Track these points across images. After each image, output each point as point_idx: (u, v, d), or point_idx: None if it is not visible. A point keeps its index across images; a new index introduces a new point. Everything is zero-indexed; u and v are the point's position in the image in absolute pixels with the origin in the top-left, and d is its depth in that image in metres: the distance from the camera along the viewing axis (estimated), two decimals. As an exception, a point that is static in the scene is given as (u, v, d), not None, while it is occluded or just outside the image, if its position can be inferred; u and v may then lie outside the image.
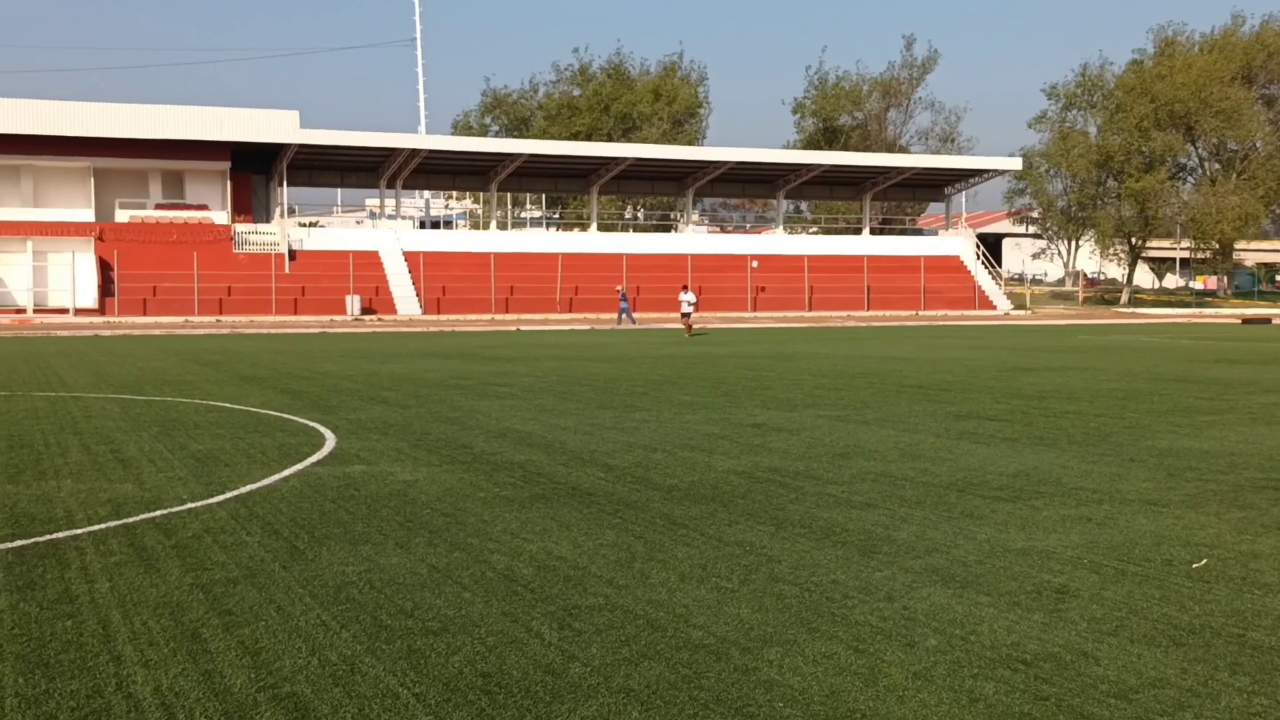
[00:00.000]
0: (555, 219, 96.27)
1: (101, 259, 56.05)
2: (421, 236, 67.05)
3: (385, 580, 6.45)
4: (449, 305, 60.16)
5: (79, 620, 5.65)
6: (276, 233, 61.75)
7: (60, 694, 4.65)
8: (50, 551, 7.09)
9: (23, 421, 13.82)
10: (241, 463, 10.66)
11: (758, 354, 28.49)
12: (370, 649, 5.25)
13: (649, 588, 6.33)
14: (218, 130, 58.41)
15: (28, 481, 9.60)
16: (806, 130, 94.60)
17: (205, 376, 20.88)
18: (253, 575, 6.54)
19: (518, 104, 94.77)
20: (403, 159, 63.63)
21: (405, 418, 14.36)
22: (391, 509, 8.50)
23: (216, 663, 5.04)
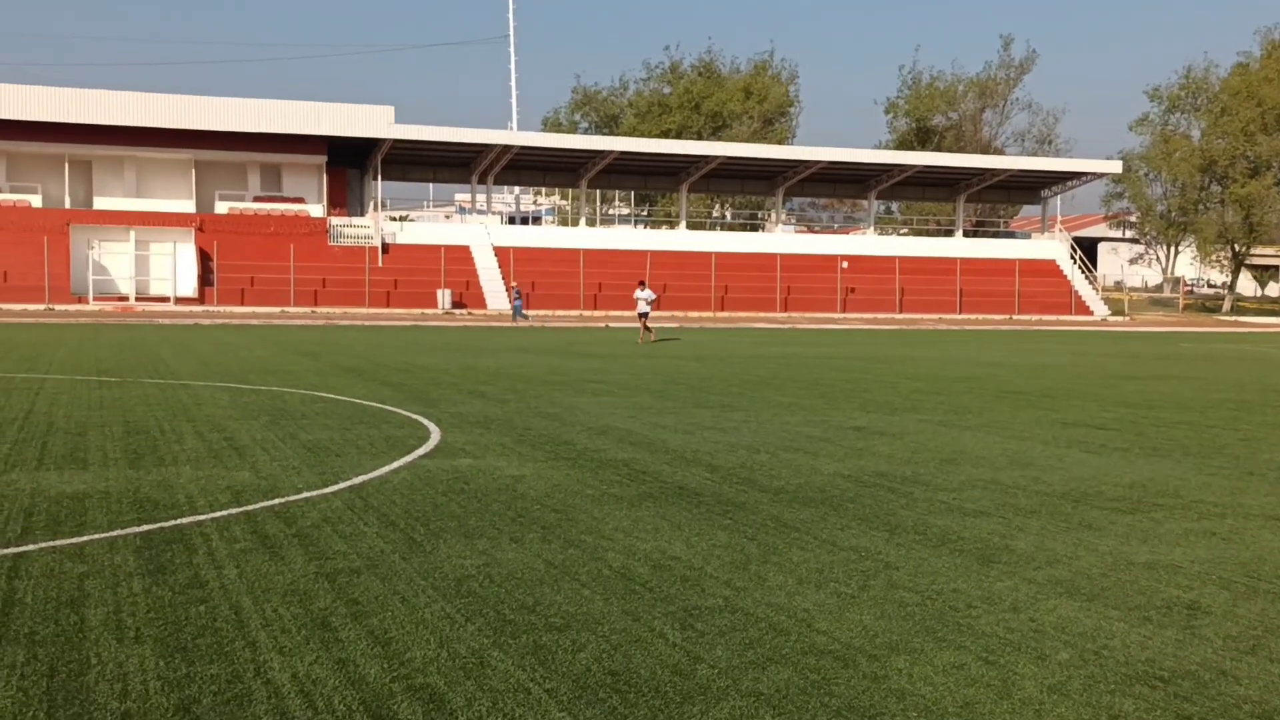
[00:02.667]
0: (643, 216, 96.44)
1: (201, 249, 57.24)
2: (511, 232, 67.56)
3: (504, 575, 6.49)
4: (537, 301, 60.53)
5: (211, 605, 5.76)
6: (370, 226, 62.59)
7: (201, 678, 4.74)
8: (177, 536, 7.24)
9: (136, 408, 14.15)
10: (351, 453, 10.81)
11: (851, 356, 28.28)
12: (497, 643, 5.29)
13: (767, 590, 6.31)
14: (315, 125, 59.35)
15: (148, 467, 9.82)
16: (899, 130, 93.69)
17: (307, 367, 21.21)
18: (374, 565, 6.63)
19: (608, 101, 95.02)
20: (495, 155, 64.15)
21: (505, 412, 14.46)
22: (502, 504, 8.56)
23: (349, 651, 5.11)
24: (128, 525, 7.54)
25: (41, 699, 4.49)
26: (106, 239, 56.60)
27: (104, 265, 56.27)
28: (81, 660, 4.92)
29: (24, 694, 4.53)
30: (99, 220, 57.32)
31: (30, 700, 4.47)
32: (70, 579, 6.20)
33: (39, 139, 57.07)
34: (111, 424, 12.57)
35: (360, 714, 4.42)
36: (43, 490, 8.68)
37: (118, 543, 7.04)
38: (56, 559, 6.62)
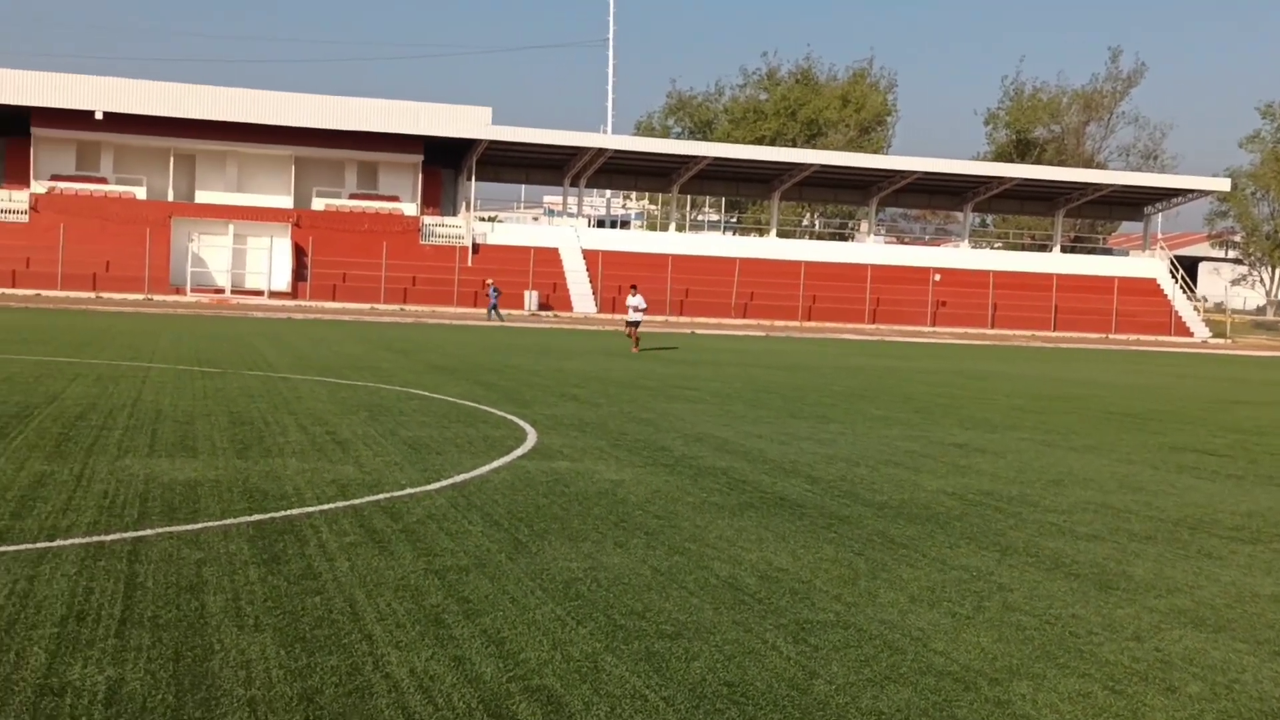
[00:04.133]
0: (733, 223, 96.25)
1: (297, 244, 58.14)
2: (600, 235, 67.76)
3: (611, 579, 6.48)
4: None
5: (326, 597, 5.81)
6: (462, 226, 63.16)
7: (322, 669, 4.78)
8: (288, 527, 7.33)
9: (239, 399, 14.39)
10: (451, 452, 10.88)
11: (945, 370, 27.92)
12: (609, 648, 5.27)
13: (879, 607, 6.23)
14: (413, 124, 60.01)
15: (255, 458, 9.97)
16: (998, 142, 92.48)
17: (400, 364, 21.43)
18: (482, 565, 6.65)
19: (702, 107, 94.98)
20: (588, 158, 64.40)
21: (600, 416, 14.48)
22: (603, 508, 8.55)
23: (463, 649, 5.13)
24: (239, 514, 7.65)
25: (169, 682, 4.55)
26: (206, 232, 57.69)
27: (202, 258, 57.36)
28: (205, 646, 4.99)
29: (152, 676, 4.60)
30: (200, 213, 58.47)
31: (158, 683, 4.54)
32: (188, 565, 6.29)
33: (145, 132, 58.36)
34: (217, 414, 12.78)
35: (480, 713, 4.43)
36: (156, 477, 8.85)
37: (231, 531, 7.15)
38: (174, 545, 6.73)
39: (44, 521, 7.15)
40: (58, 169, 58.91)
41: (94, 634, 5.06)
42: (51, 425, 11.22)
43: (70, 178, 58.88)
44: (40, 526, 7.02)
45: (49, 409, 12.41)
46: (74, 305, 43.27)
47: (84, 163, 59.79)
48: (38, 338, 23.70)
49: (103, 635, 5.05)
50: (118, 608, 5.45)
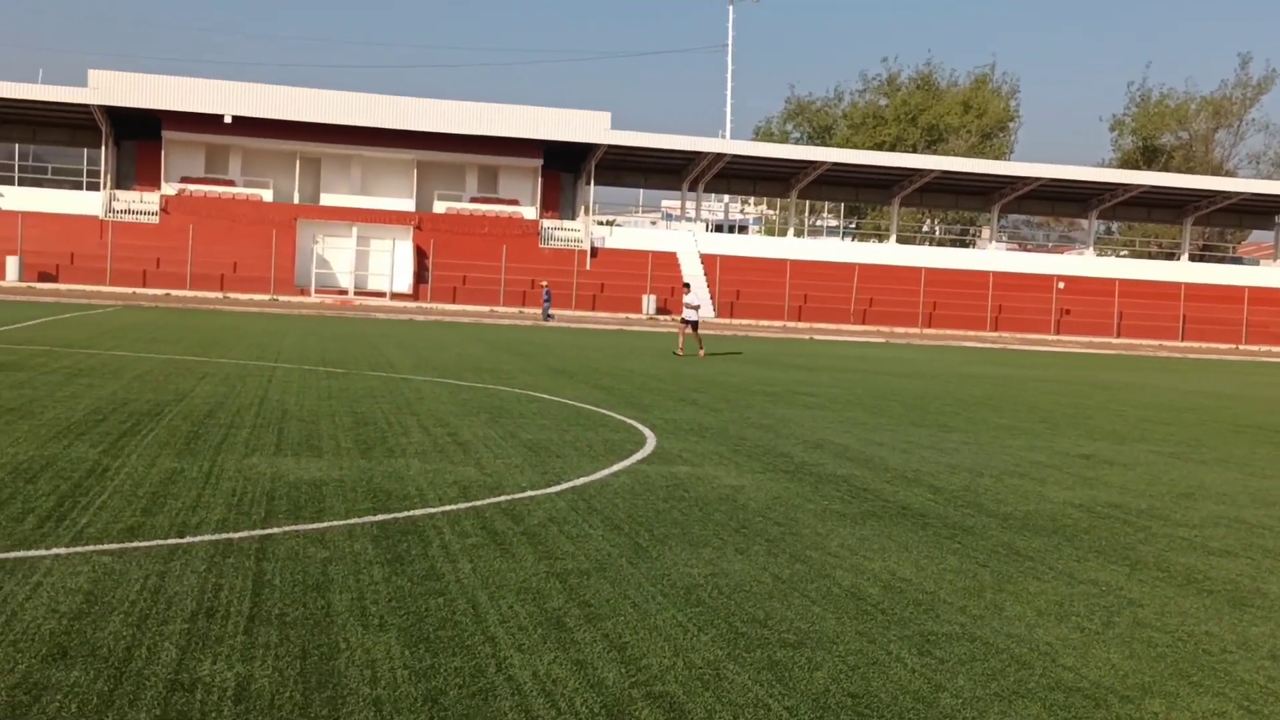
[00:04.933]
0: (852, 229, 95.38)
1: (418, 247, 59.09)
2: (718, 240, 67.64)
3: (732, 586, 6.41)
4: (741, 310, 60.43)
5: (449, 599, 5.84)
6: (581, 230, 63.59)
7: (446, 670, 4.80)
8: (411, 528, 7.40)
9: (363, 400, 14.62)
10: (571, 455, 10.91)
11: (1069, 379, 27.28)
12: (731, 655, 5.21)
13: (1005, 620, 6.07)
14: (533, 129, 60.58)
15: (378, 458, 10.11)
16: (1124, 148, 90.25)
17: (519, 366, 21.61)
18: (603, 569, 6.63)
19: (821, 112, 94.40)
20: (707, 162, 64.36)
21: (719, 421, 14.41)
22: (724, 513, 8.49)
23: (585, 654, 5.11)
24: (364, 514, 7.75)
25: (296, 680, 4.61)
26: (330, 234, 58.94)
27: (326, 259, 58.61)
28: (331, 644, 5.05)
29: (280, 674, 4.66)
30: (324, 216, 59.75)
31: (286, 681, 4.59)
32: (314, 564, 6.38)
33: (272, 136, 59.86)
34: (341, 414, 13.00)
35: (603, 718, 4.40)
36: (282, 475, 9.01)
37: (356, 530, 7.24)
38: (300, 543, 6.84)
39: (174, 518, 7.33)
40: (187, 171, 60.75)
41: (223, 630, 5.15)
42: (181, 423, 11.52)
43: (199, 180, 60.67)
44: (171, 523, 7.19)
45: (179, 407, 12.75)
46: (202, 305, 44.54)
47: (213, 165, 61.56)
48: (168, 337, 24.42)
49: (231, 632, 5.14)
50: (246, 605, 5.55)
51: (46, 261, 54.03)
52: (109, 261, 54.21)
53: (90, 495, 7.87)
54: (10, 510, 7.29)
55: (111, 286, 53.20)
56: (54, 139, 63.15)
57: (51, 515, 7.22)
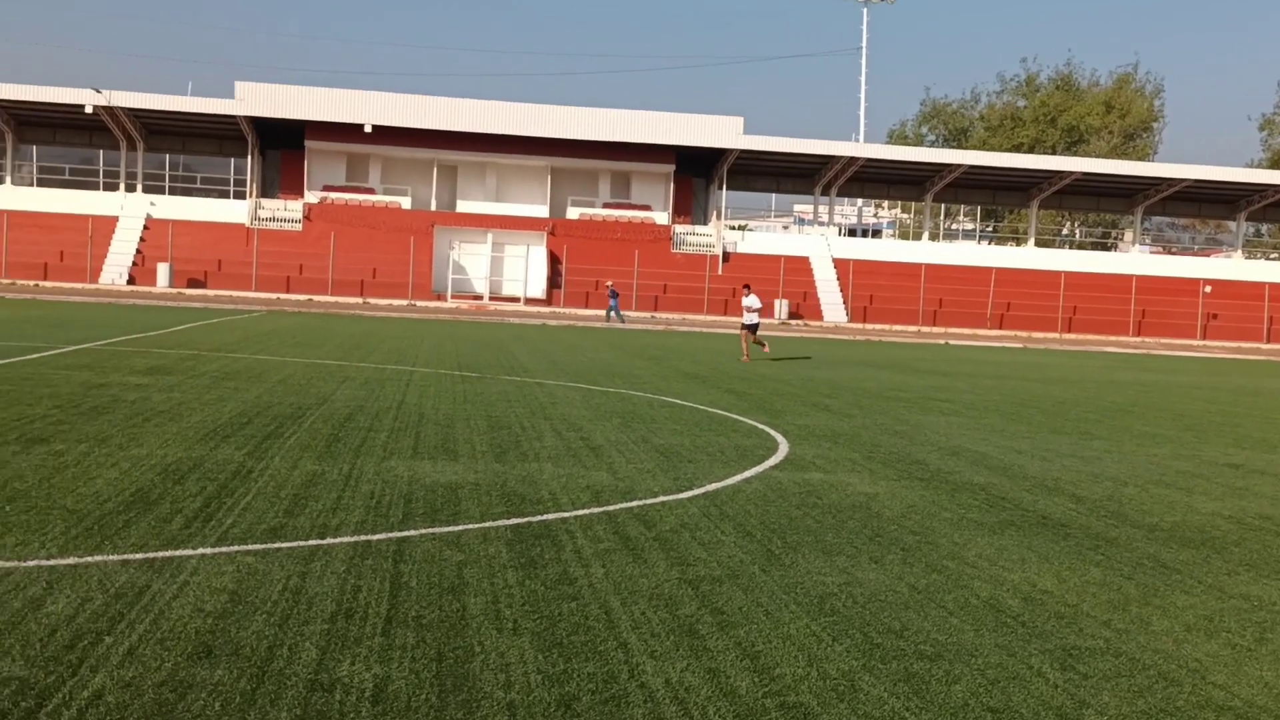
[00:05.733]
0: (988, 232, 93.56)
1: (552, 252, 59.71)
2: (851, 244, 66.96)
3: (867, 596, 6.30)
4: (875, 314, 59.74)
5: (582, 603, 5.85)
6: (713, 234, 63.56)
7: (578, 676, 4.80)
8: (544, 532, 7.44)
9: (497, 404, 14.79)
10: (703, 460, 10.87)
11: (1217, 386, 26.31)
12: (866, 666, 5.12)
13: (1152, 635, 5.85)
14: (665, 134, 60.74)
15: (512, 462, 10.20)
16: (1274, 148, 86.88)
17: (651, 371, 21.65)
18: (735, 576, 6.58)
19: (957, 114, 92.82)
20: (840, 166, 63.78)
21: (852, 427, 14.23)
22: (858, 521, 8.36)
23: (718, 661, 5.06)
24: (498, 517, 7.82)
25: (432, 683, 4.65)
26: (466, 240, 59.94)
27: (462, 265, 59.59)
28: (466, 647, 5.09)
29: (416, 676, 4.72)
30: (461, 222, 60.75)
31: (422, 683, 4.64)
32: (450, 566, 6.46)
33: (411, 145, 61.10)
34: (475, 418, 13.17)
35: (735, 729, 4.35)
36: (419, 478, 9.15)
37: (490, 534, 7.31)
38: (436, 546, 6.92)
39: (315, 520, 7.49)
40: (329, 180, 62.35)
41: (361, 632, 5.23)
42: (322, 426, 11.78)
43: (340, 188, 62.21)
44: (312, 524, 7.35)
45: (320, 410, 13.04)
46: (343, 310, 45.63)
47: (353, 174, 63.09)
48: (310, 341, 25.05)
49: (370, 633, 5.22)
50: (384, 606, 5.63)
51: (195, 268, 55.97)
52: (254, 268, 55.93)
53: (235, 496, 8.08)
54: (159, 510, 7.52)
55: (257, 292, 54.88)
56: (202, 149, 65.42)
57: (198, 516, 7.43)
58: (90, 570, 6.04)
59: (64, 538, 6.69)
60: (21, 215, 56.74)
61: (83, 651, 4.82)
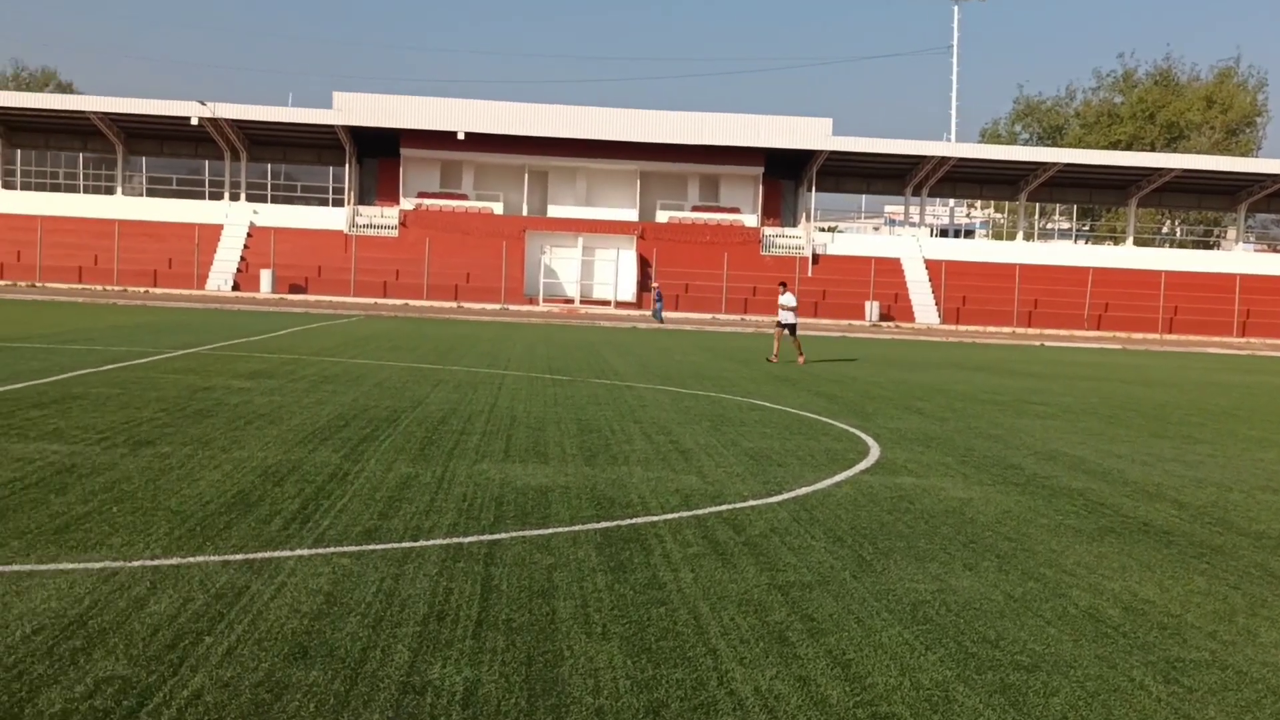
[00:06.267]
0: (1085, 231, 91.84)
1: (641, 256, 59.85)
2: (943, 245, 66.14)
3: (961, 604, 6.21)
4: (968, 316, 58.94)
5: (671, 608, 5.84)
6: (802, 237, 63.23)
7: (667, 682, 4.79)
8: (633, 535, 7.45)
9: (588, 407, 14.85)
10: (793, 464, 10.80)
11: (1327, 389, 25.52)
12: (961, 676, 5.03)
13: (1260, 648, 5.68)
14: (754, 137, 60.58)
15: (602, 465, 10.23)
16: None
17: (740, 374, 21.58)
18: (825, 582, 6.52)
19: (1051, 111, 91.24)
20: (931, 166, 63.06)
21: (945, 431, 14.04)
22: (951, 527, 8.24)
23: (808, 669, 5.02)
24: (587, 521, 7.84)
25: (521, 686, 4.67)
26: (557, 245, 60.36)
27: (553, 269, 60.00)
28: (555, 651, 5.10)
29: (505, 680, 4.74)
30: (551, 227, 61.17)
31: (512, 687, 4.67)
32: (540, 570, 6.48)
33: (503, 151, 61.66)
34: (566, 421, 13.23)
35: (826, 738, 4.31)
36: (510, 481, 9.21)
37: (580, 537, 7.33)
38: (526, 549, 6.96)
39: (409, 522, 7.57)
40: (423, 187, 63.13)
41: (453, 634, 5.28)
42: (416, 429, 11.91)
43: (434, 194, 62.96)
44: (405, 527, 7.43)
45: (414, 413, 13.20)
46: (437, 314, 46.15)
47: (447, 180, 63.82)
48: (405, 345, 25.37)
49: (460, 636, 5.26)
50: (475, 609, 5.67)
51: (296, 274, 57.04)
52: (352, 274, 56.84)
53: (332, 499, 8.21)
54: (259, 512, 7.66)
55: (355, 297, 55.77)
56: (302, 159, 66.66)
57: (296, 517, 7.56)
58: (192, 570, 6.17)
59: (168, 538, 6.84)
60: (132, 224, 58.30)
61: (183, 651, 4.92)
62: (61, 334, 23.76)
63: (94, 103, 59.95)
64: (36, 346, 20.16)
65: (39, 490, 8.03)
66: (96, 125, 60.54)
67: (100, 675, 4.60)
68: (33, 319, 29.01)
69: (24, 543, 6.60)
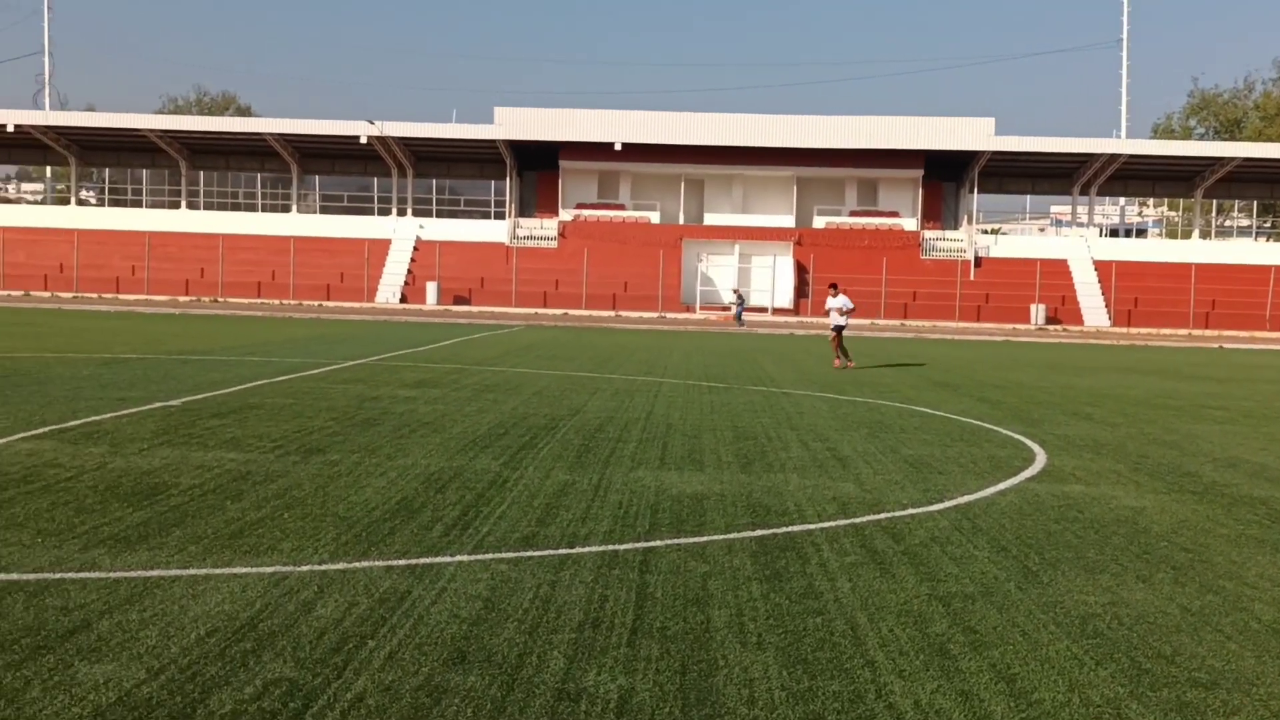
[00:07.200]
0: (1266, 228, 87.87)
1: (798, 262, 59.48)
2: (1113, 245, 64.05)
3: (1134, 617, 5.96)
4: (1140, 318, 56.94)
5: (828, 618, 5.75)
6: (963, 239, 61.97)
7: (824, 694, 4.71)
8: (789, 544, 7.36)
9: (744, 414, 14.78)
10: (954, 471, 10.55)
11: None
12: (1134, 693, 4.83)
13: None
14: (912, 139, 59.66)
15: (758, 472, 10.15)
16: None
17: (900, 380, 21.22)
18: (989, 593, 6.34)
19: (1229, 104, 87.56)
20: (1099, 164, 61.15)
21: (1116, 437, 13.55)
22: (1123, 537, 7.94)
23: (970, 684, 4.88)
24: (743, 529, 7.78)
25: (675, 696, 4.65)
26: (714, 252, 60.43)
27: (710, 277, 60.06)
28: (710, 660, 5.07)
29: (660, 688, 4.72)
30: (708, 235, 61.25)
31: (665, 695, 4.64)
32: (694, 578, 6.46)
33: (659, 160, 61.99)
34: (722, 428, 13.18)
35: (989, 755, 4.17)
36: (665, 489, 9.21)
37: (735, 545, 7.28)
38: (681, 557, 6.94)
39: (565, 529, 7.63)
40: (582, 198, 63.90)
41: (608, 641, 5.28)
42: (574, 437, 12.02)
43: (592, 205, 63.68)
44: (562, 533, 7.49)
45: (572, 421, 13.32)
46: (596, 323, 46.60)
47: (605, 191, 64.48)
48: (564, 354, 25.67)
49: (615, 643, 5.26)
50: (629, 616, 5.67)
51: (460, 286, 58.34)
52: (513, 284, 57.86)
53: (491, 505, 8.32)
54: (421, 518, 7.82)
55: (516, 308, 56.77)
56: (465, 173, 68.21)
57: (457, 524, 7.68)
58: (357, 575, 6.32)
59: (335, 544, 7.02)
60: (306, 240, 60.47)
61: (348, 654, 5.03)
62: (241, 347, 24.71)
63: (270, 124, 62.37)
64: (218, 359, 21.01)
65: (216, 497, 8.34)
66: (272, 146, 62.91)
67: (269, 677, 4.73)
68: (215, 333, 30.26)
69: (200, 547, 6.85)
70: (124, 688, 4.58)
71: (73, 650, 4.98)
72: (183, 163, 65.84)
